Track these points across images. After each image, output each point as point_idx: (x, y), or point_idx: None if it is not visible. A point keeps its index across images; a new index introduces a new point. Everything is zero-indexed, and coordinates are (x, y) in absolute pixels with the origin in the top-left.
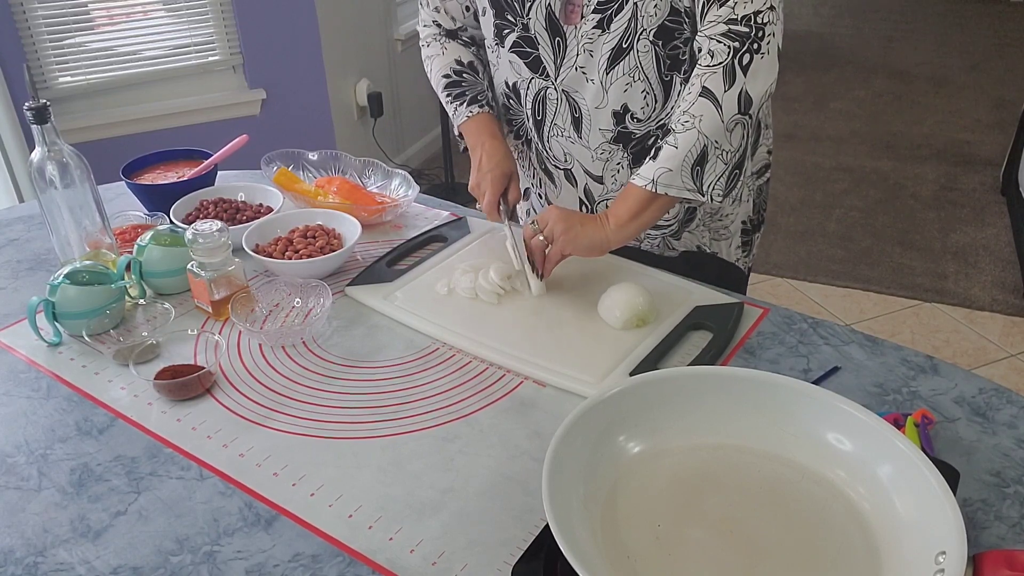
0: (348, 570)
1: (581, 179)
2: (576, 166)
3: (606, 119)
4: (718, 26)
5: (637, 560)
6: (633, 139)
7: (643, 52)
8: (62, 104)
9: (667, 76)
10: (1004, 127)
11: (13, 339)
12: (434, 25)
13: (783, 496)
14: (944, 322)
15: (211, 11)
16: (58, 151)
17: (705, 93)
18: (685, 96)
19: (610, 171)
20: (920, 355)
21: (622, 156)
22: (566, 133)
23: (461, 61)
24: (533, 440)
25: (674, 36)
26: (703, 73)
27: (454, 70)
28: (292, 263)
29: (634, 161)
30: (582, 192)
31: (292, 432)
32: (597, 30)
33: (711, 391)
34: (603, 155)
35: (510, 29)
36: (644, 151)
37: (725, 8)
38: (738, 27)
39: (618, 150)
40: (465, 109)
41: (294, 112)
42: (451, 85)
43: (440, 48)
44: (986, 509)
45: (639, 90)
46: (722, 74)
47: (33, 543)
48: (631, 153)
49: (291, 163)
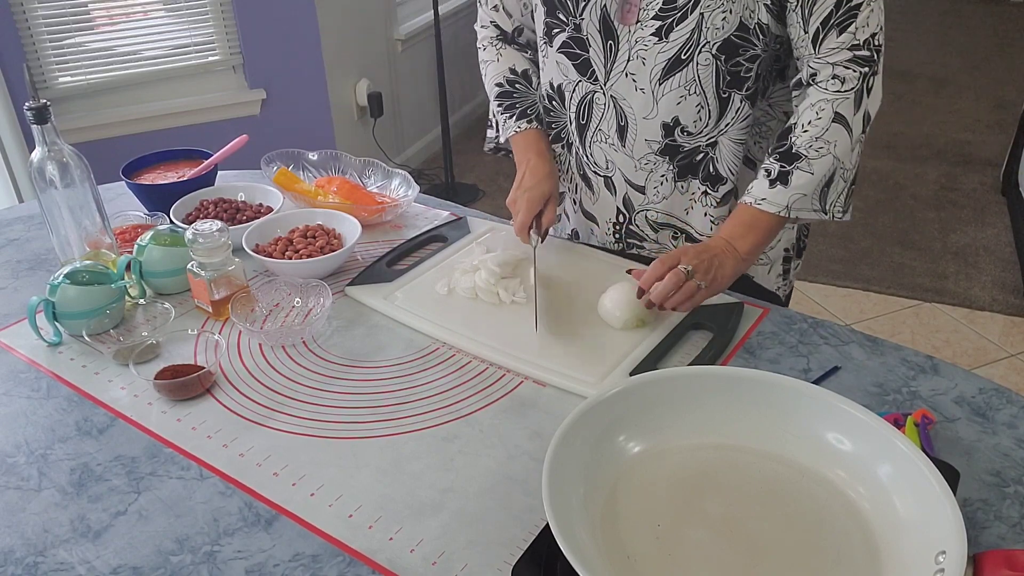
0: (348, 570)
1: (621, 188)
2: (617, 174)
3: (654, 130)
4: (842, 52)
5: (637, 560)
6: (681, 152)
7: (703, 65)
8: (62, 104)
9: (725, 92)
10: (1004, 127)
11: (13, 339)
12: (492, 26)
13: (783, 496)
14: (944, 322)
15: (211, 11)
16: (58, 151)
17: (838, 119)
18: (813, 120)
19: (653, 182)
20: (920, 355)
21: (667, 168)
22: (609, 140)
23: (515, 70)
24: (533, 440)
25: (738, 52)
26: (835, 99)
27: (507, 79)
28: (292, 263)
29: (679, 175)
30: (620, 201)
31: (292, 432)
32: (654, 37)
33: (711, 391)
34: (647, 165)
35: (560, 28)
36: (691, 165)
37: (847, 35)
38: (861, 51)
39: (663, 162)
40: (514, 123)
41: (294, 112)
42: (503, 95)
43: (496, 54)
44: (986, 509)
45: (693, 104)
46: (853, 99)
47: (33, 543)
48: (677, 166)
49: (291, 163)
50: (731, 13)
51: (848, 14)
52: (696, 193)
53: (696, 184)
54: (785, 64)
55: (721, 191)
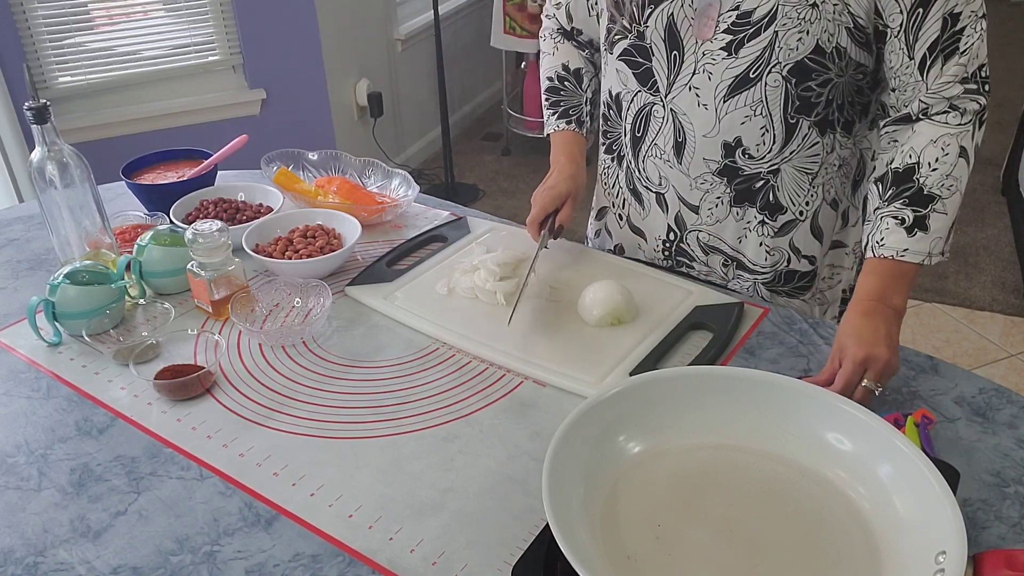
0: (348, 570)
1: (674, 205)
2: (671, 192)
3: (714, 149)
4: (955, 87)
5: (637, 560)
6: (740, 176)
7: (771, 87)
8: (62, 104)
9: (793, 118)
10: (1004, 127)
11: (13, 339)
12: (554, 19)
13: (783, 496)
14: (944, 322)
15: (211, 11)
16: (58, 151)
17: (963, 153)
18: (940, 158)
19: (708, 203)
20: (920, 355)
21: (724, 190)
22: (665, 156)
23: (568, 67)
24: (533, 440)
25: (811, 76)
26: (958, 132)
27: (559, 75)
28: (292, 263)
29: (736, 200)
30: (672, 219)
31: (292, 432)
32: (723, 52)
33: (711, 391)
34: (703, 185)
35: (622, 35)
36: (749, 191)
37: (958, 66)
38: (970, 84)
39: (721, 183)
40: (555, 121)
41: (294, 112)
42: (551, 91)
43: (553, 47)
44: (986, 509)
45: (758, 126)
46: (971, 130)
47: (33, 543)
48: (735, 189)
49: (291, 163)
50: (807, 34)
51: (952, 38)
52: (752, 222)
53: (753, 212)
54: (868, 99)
55: (780, 221)
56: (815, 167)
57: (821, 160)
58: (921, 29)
